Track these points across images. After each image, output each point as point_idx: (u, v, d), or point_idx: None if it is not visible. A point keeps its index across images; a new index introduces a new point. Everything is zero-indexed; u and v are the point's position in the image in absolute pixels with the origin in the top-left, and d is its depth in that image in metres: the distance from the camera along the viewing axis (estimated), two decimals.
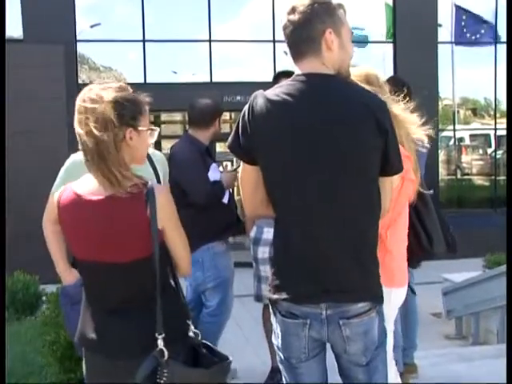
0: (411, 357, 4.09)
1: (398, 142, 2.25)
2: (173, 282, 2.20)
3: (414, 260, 2.91)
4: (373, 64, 11.25)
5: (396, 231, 2.61)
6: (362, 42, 12.62)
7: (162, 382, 1.99)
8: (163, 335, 2.03)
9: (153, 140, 2.22)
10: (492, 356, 4.85)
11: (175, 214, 2.16)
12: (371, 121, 2.11)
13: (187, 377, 2.05)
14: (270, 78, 4.21)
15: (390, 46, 12.88)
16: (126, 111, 2.08)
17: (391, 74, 11.49)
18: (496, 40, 13.35)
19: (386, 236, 2.51)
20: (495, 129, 14.61)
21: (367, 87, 2.33)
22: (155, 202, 2.05)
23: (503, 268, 7.56)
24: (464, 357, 4.88)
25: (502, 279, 7.48)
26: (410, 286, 3.39)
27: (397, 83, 3.86)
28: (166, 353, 2.02)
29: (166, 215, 2.09)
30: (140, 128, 2.12)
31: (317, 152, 2.11)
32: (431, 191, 3.09)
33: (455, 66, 13.62)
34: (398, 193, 2.44)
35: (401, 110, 2.63)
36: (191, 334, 2.17)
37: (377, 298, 2.22)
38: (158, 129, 2.24)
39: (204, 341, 2.20)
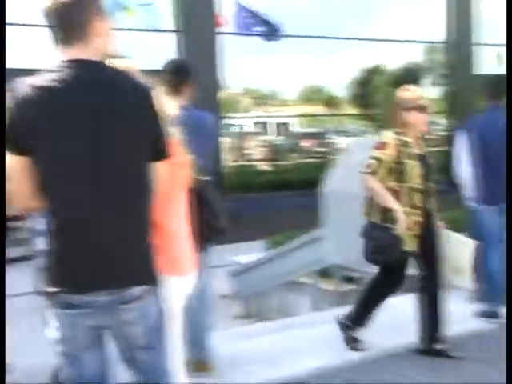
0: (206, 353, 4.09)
1: (168, 127, 2.31)
2: None
3: (201, 244, 2.95)
4: (154, 51, 11.24)
5: (175, 217, 2.64)
6: (147, 30, 12.62)
7: None
8: None
9: None
10: (274, 331, 5.15)
11: None
12: (139, 106, 2.17)
13: None
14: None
15: (172, 34, 12.94)
16: None
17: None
18: (276, 33, 14.03)
19: (165, 223, 2.54)
20: (277, 116, 15.42)
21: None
22: None
23: (283, 248, 8.07)
24: (249, 334, 5.12)
25: (282, 259, 7.99)
26: (205, 270, 3.45)
27: (176, 69, 3.91)
28: None
29: None
30: None
31: (87, 138, 2.11)
32: (209, 177, 3.18)
33: (238, 56, 14.09)
34: (172, 178, 2.47)
35: (166, 97, 2.66)
36: None
37: (152, 282, 2.27)
38: None
39: None
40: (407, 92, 4.30)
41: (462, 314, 5.21)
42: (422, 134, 4.38)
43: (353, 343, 4.52)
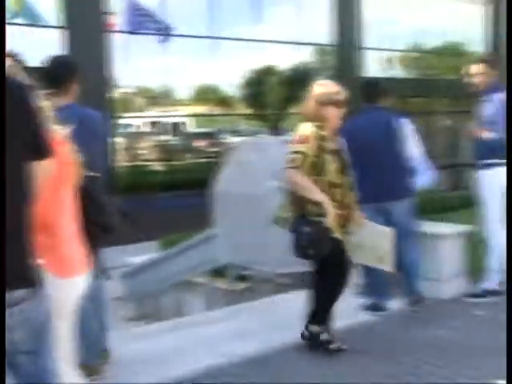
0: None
1: (48, 126, 2.26)
2: None
3: (91, 242, 2.88)
4: (42, 48, 10.87)
5: (63, 216, 2.58)
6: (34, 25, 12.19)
7: None
8: None
9: None
10: (167, 331, 5.13)
11: None
12: (18, 104, 2.12)
13: None
14: None
15: (59, 30, 12.55)
16: None
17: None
18: (169, 32, 13.94)
19: (52, 222, 2.48)
20: (171, 116, 15.31)
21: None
22: None
23: (176, 248, 8.06)
24: (142, 335, 5.08)
25: (175, 259, 7.97)
26: (98, 271, 3.37)
27: (58, 66, 3.80)
28: None
29: None
30: None
31: None
32: (98, 174, 3.13)
33: (131, 55, 13.86)
34: (57, 176, 2.42)
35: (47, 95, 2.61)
36: None
37: (33, 284, 2.21)
38: None
39: None
40: (324, 87, 4.32)
41: (347, 307, 5.40)
42: (336, 129, 4.39)
43: (329, 345, 4.43)
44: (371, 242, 4.63)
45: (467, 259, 5.72)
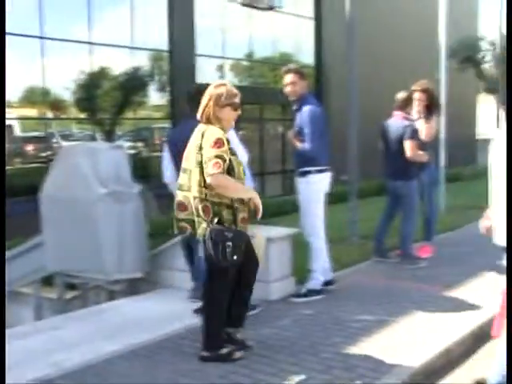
0: None
1: None
2: None
3: None
4: None
5: None
6: None
7: None
8: None
9: None
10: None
11: None
12: None
13: None
14: None
15: None
16: None
17: None
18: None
19: None
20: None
21: None
22: None
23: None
24: None
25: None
26: None
27: None
28: None
29: None
30: None
31: None
32: None
33: None
34: None
35: None
36: None
37: None
38: None
39: None
40: (221, 88, 4.28)
41: (179, 311, 5.44)
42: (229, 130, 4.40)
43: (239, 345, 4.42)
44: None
45: (295, 261, 5.97)
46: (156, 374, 4.11)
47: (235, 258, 4.03)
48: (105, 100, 15.54)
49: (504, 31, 21.03)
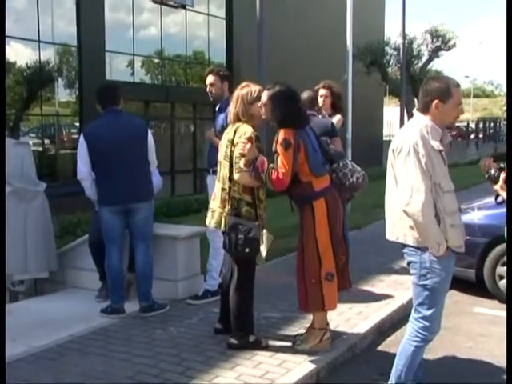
0: None
1: None
2: None
3: None
4: None
5: None
6: None
7: None
8: None
9: None
10: None
11: None
12: None
13: None
14: None
15: None
16: None
17: None
18: None
19: None
20: None
21: None
22: None
23: None
24: None
25: None
26: None
27: None
28: None
29: None
30: None
31: None
32: None
33: None
34: None
35: None
36: None
37: None
38: None
39: None
40: (247, 88, 4.44)
41: (88, 311, 5.37)
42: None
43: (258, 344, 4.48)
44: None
45: (203, 259, 5.98)
46: (61, 378, 4.04)
47: (247, 250, 4.24)
48: (8, 95, 15.00)
49: (407, 35, 21.88)
